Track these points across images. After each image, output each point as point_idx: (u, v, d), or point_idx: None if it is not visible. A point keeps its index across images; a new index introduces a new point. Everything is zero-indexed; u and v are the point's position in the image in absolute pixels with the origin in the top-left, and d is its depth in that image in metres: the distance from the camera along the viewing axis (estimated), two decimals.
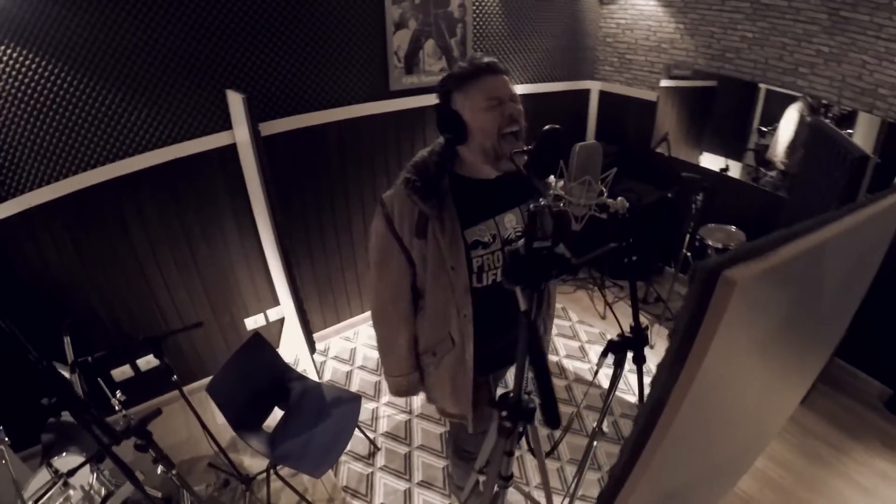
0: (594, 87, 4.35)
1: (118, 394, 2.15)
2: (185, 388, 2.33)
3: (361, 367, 3.48)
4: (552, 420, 1.01)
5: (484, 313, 1.60)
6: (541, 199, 1.20)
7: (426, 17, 3.21)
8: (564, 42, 4.01)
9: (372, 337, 3.77)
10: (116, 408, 2.16)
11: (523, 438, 1.58)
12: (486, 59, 1.42)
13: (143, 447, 1.79)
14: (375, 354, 3.59)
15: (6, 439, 1.69)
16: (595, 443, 1.94)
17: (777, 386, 1.26)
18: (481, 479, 2.61)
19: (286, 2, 2.73)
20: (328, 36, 2.93)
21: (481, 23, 3.50)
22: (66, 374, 2.23)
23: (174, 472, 1.96)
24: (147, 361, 2.98)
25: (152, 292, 2.86)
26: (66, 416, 2.46)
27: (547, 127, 1.24)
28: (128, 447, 1.79)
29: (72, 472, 1.99)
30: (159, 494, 2.52)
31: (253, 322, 3.34)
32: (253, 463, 2.81)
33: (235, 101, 2.62)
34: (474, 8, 3.41)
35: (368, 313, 3.84)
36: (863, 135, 2.76)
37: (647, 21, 3.79)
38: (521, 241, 1.18)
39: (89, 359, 1.69)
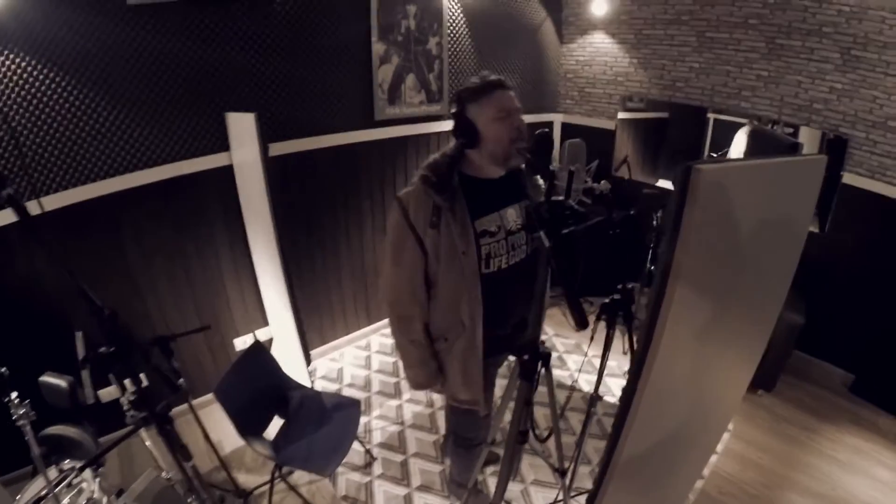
0: (557, 119, 4.71)
1: (127, 392, 2.16)
2: (176, 411, 2.31)
3: (350, 385, 3.52)
4: (581, 322, 1.19)
5: (491, 297, 1.76)
6: (551, 166, 1.46)
7: (407, 54, 3.49)
8: (529, 78, 4.37)
9: (357, 357, 3.83)
10: (125, 407, 2.16)
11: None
12: (495, 77, 1.66)
13: (167, 432, 1.81)
14: (363, 373, 3.64)
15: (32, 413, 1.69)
16: (593, 409, 2.09)
17: (741, 317, 1.53)
18: (489, 471, 2.71)
19: (284, 37, 2.94)
20: (320, 68, 3.14)
21: (456, 60, 3.80)
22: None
23: (191, 463, 1.97)
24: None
25: (146, 311, 2.88)
26: (54, 430, 2.43)
27: (538, 131, 1.51)
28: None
29: (83, 468, 1.99)
30: None
31: (242, 342, 3.35)
32: (248, 479, 2.77)
33: (238, 123, 2.76)
34: (449, 46, 3.71)
35: (353, 334, 3.95)
36: (808, 146, 3.13)
37: (604, 57, 4.20)
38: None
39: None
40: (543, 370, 1.65)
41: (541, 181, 1.89)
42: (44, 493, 1.76)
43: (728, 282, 1.44)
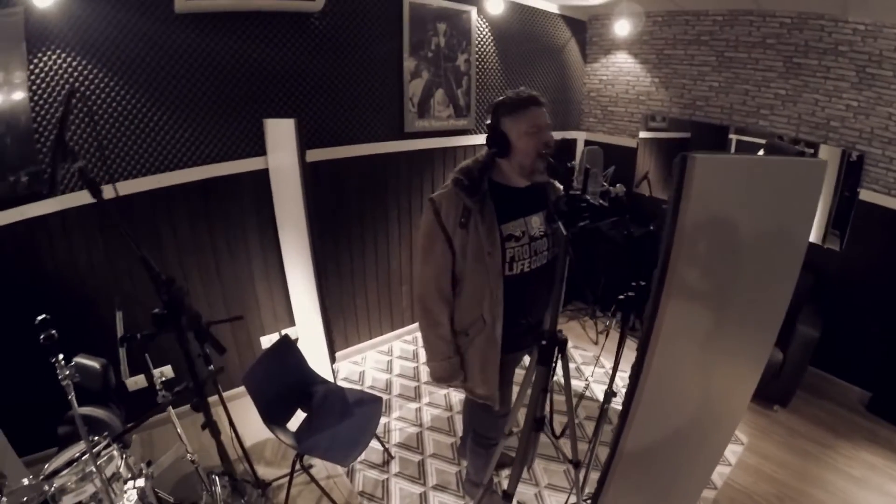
0: (580, 136, 4.81)
1: (160, 373, 2.27)
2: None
3: (371, 388, 3.59)
4: (596, 300, 1.28)
5: (511, 297, 1.87)
6: (569, 163, 1.59)
7: (437, 70, 3.64)
8: (553, 96, 4.49)
9: (379, 361, 3.92)
10: (158, 387, 2.27)
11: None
12: (529, 93, 1.78)
13: (197, 406, 1.92)
14: (384, 376, 3.73)
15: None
16: (607, 405, 2.14)
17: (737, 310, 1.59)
18: (503, 473, 2.76)
19: (321, 50, 3.12)
20: (354, 81, 3.31)
21: (483, 77, 3.95)
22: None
23: (220, 438, 2.06)
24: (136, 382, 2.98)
25: None
26: (83, 410, 2.52)
27: (559, 139, 1.62)
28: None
29: (115, 438, 2.09)
30: (171, 500, 2.55)
31: (268, 340, 3.46)
32: (267, 472, 2.85)
33: (276, 128, 2.91)
34: (477, 64, 3.86)
35: (376, 339, 4.04)
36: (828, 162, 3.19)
37: (626, 77, 4.32)
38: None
39: (138, 335, 1.85)
40: (560, 357, 1.74)
41: (559, 185, 2.00)
42: (77, 455, 1.87)
43: (728, 277, 1.51)
